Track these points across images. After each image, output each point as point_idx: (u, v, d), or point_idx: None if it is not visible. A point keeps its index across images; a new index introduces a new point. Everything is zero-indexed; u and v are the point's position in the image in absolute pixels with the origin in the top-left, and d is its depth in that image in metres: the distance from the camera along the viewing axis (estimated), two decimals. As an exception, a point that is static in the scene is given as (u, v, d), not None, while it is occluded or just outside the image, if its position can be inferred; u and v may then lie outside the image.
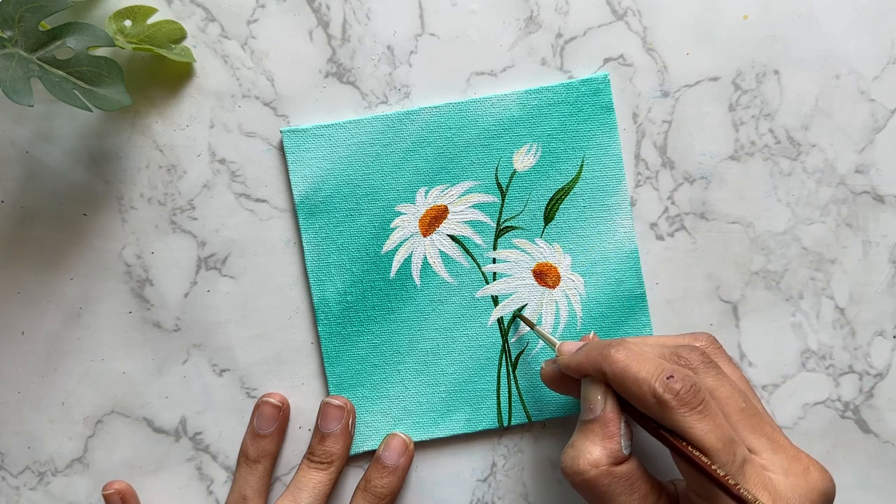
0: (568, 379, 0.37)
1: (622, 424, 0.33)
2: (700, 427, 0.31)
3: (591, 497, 0.33)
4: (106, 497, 0.41)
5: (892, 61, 0.42)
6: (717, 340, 0.37)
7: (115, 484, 0.41)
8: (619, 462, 0.33)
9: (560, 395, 0.40)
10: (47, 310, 0.42)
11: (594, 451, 0.33)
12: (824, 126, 0.42)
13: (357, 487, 0.41)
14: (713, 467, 0.30)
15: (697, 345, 0.36)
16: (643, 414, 0.33)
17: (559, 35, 0.41)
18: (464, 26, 0.41)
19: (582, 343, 0.36)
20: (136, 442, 0.42)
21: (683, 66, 0.41)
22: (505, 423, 0.41)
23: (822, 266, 0.42)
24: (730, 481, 0.30)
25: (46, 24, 0.36)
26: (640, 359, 0.33)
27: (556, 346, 0.37)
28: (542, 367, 0.38)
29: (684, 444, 0.31)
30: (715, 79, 0.41)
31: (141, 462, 0.42)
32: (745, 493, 0.30)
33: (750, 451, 0.33)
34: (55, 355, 0.42)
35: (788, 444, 0.34)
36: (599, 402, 0.34)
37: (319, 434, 0.40)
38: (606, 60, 0.41)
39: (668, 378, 0.32)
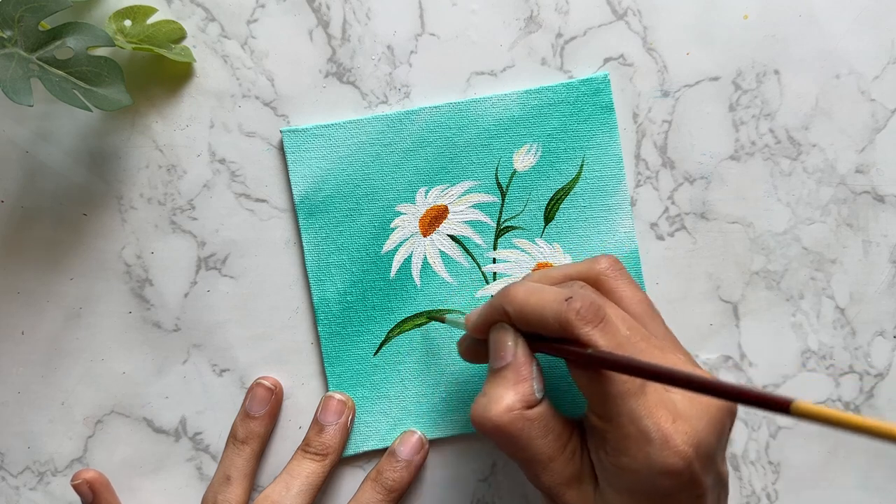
0: (484, 346, 0.36)
1: (534, 368, 0.33)
2: (602, 343, 0.31)
3: (506, 442, 0.33)
4: (75, 487, 0.40)
5: (892, 61, 0.42)
6: (618, 262, 0.36)
7: (84, 473, 0.40)
8: (532, 405, 0.33)
9: (557, 394, 0.40)
10: (47, 310, 0.42)
11: (507, 396, 0.32)
12: (824, 126, 0.42)
13: (367, 477, 0.40)
14: (611, 352, 0.30)
15: (598, 267, 0.35)
16: (550, 343, 0.33)
17: (559, 35, 0.41)
18: (464, 26, 0.41)
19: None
20: (136, 442, 0.42)
21: (683, 66, 0.41)
22: (505, 423, 0.41)
23: (823, 266, 0.42)
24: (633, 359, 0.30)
25: (46, 24, 0.36)
26: (538, 290, 0.33)
27: (465, 319, 0.37)
28: (458, 346, 0.38)
29: (587, 349, 0.31)
30: (715, 79, 0.41)
31: (141, 462, 0.42)
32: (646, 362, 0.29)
33: None
34: (55, 355, 0.42)
35: (686, 360, 0.34)
36: (510, 348, 0.33)
37: (318, 426, 0.40)
38: (606, 60, 0.41)
39: (566, 300, 0.31)
